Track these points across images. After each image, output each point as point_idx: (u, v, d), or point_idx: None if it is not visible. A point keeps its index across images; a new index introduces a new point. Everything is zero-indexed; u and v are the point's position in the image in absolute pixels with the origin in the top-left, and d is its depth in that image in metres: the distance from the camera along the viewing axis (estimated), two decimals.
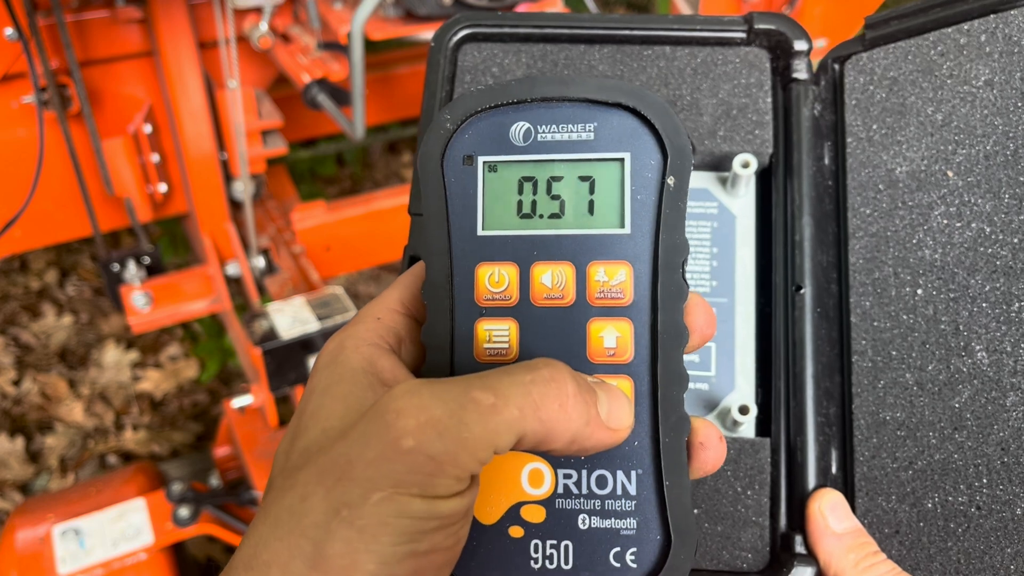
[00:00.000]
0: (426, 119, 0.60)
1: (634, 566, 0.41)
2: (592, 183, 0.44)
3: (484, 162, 0.44)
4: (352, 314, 1.49)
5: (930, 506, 0.54)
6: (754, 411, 0.56)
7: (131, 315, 1.57)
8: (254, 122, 1.59)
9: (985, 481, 0.53)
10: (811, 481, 0.55)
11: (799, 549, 0.53)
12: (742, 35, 0.61)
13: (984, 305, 0.55)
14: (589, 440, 0.39)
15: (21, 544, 1.40)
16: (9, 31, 1.30)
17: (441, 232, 0.44)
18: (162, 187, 1.64)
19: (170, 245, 2.37)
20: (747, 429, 0.57)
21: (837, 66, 0.61)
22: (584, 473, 0.42)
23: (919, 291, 0.56)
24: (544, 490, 0.42)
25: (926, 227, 0.57)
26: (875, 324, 0.56)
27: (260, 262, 1.71)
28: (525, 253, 0.43)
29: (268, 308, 1.50)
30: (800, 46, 0.60)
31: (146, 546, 1.42)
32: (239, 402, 1.55)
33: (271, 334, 1.45)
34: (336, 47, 1.55)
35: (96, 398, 2.22)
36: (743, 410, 0.56)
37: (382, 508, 0.33)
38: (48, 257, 2.54)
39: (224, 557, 1.82)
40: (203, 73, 1.56)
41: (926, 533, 0.54)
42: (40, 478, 2.05)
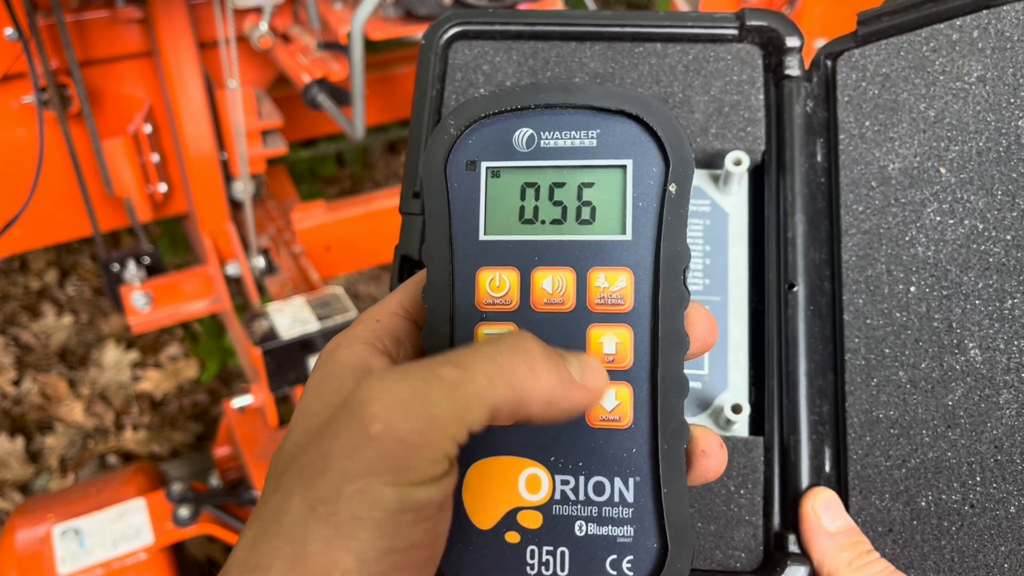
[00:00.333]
0: (417, 118, 0.60)
1: (630, 574, 0.41)
2: (594, 189, 0.44)
3: (487, 168, 0.44)
4: (352, 314, 1.49)
5: (923, 504, 0.53)
6: (747, 410, 0.56)
7: (131, 315, 1.57)
8: (254, 122, 1.59)
9: (979, 479, 0.53)
10: (804, 480, 0.55)
11: (792, 548, 0.53)
12: (734, 32, 0.61)
13: (977, 302, 0.54)
14: (567, 401, 0.38)
15: (21, 544, 1.40)
16: (9, 31, 1.30)
17: (443, 236, 0.44)
18: (162, 187, 1.65)
19: (170, 245, 2.37)
20: (740, 428, 0.57)
21: (829, 62, 0.61)
22: (582, 479, 0.42)
23: (912, 288, 0.56)
24: (541, 496, 0.42)
25: (919, 224, 0.56)
26: (868, 322, 0.56)
27: (260, 262, 1.71)
28: (526, 258, 0.43)
29: (268, 308, 1.50)
30: (792, 42, 0.60)
31: (146, 546, 1.42)
32: (239, 402, 1.55)
33: (271, 334, 1.45)
34: (336, 47, 1.55)
35: (96, 398, 2.22)
36: (736, 409, 0.56)
37: (355, 502, 0.33)
38: (48, 257, 2.54)
39: (224, 557, 1.82)
40: (203, 73, 1.56)
41: (919, 532, 0.53)
42: (40, 478, 2.05)
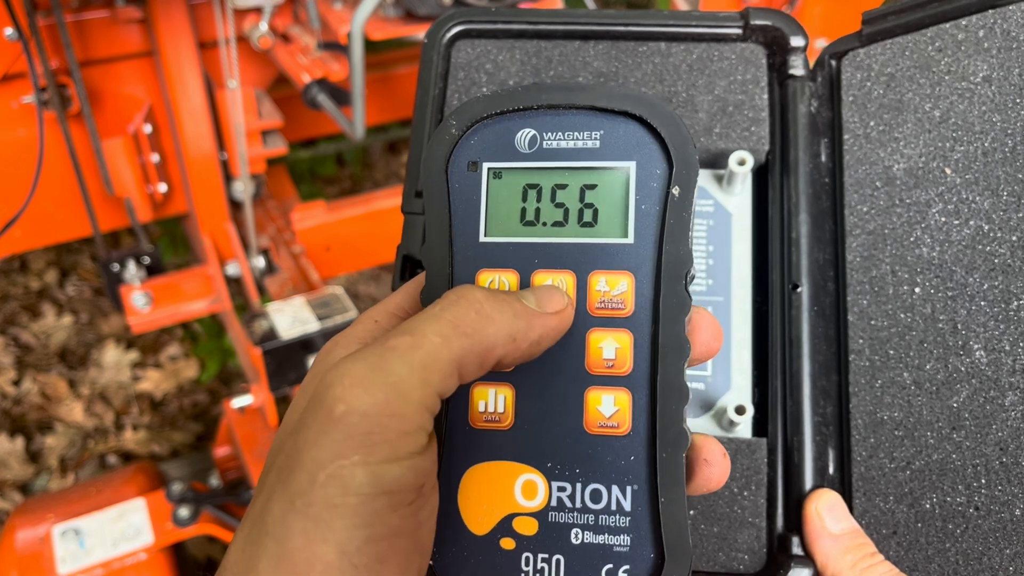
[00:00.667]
0: (420, 117, 0.60)
1: None
2: (597, 191, 0.43)
3: (489, 168, 0.44)
4: (352, 314, 1.49)
5: (928, 507, 0.53)
6: (750, 411, 0.56)
7: (131, 315, 1.57)
8: (254, 122, 1.59)
9: (983, 481, 0.52)
10: (808, 481, 0.54)
11: (796, 550, 0.53)
12: (738, 31, 0.61)
13: (982, 303, 0.54)
14: (532, 331, 0.39)
15: (21, 544, 1.40)
16: (9, 31, 1.30)
17: (443, 237, 0.43)
18: (162, 187, 1.65)
19: (170, 245, 2.37)
20: (743, 429, 0.57)
21: (834, 62, 0.61)
22: (579, 487, 0.42)
23: (917, 289, 0.55)
24: (537, 502, 0.42)
25: (924, 225, 0.56)
26: (872, 323, 0.56)
27: (260, 262, 1.71)
28: (526, 261, 0.43)
29: (268, 308, 1.50)
30: (796, 42, 0.60)
31: (146, 546, 1.42)
32: (239, 402, 1.55)
33: (271, 334, 1.45)
34: (336, 47, 1.55)
35: (96, 398, 2.21)
36: (739, 410, 0.56)
37: (329, 489, 0.33)
38: (48, 257, 2.54)
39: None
40: (203, 73, 1.56)
41: (924, 534, 0.53)
42: (40, 478, 2.05)
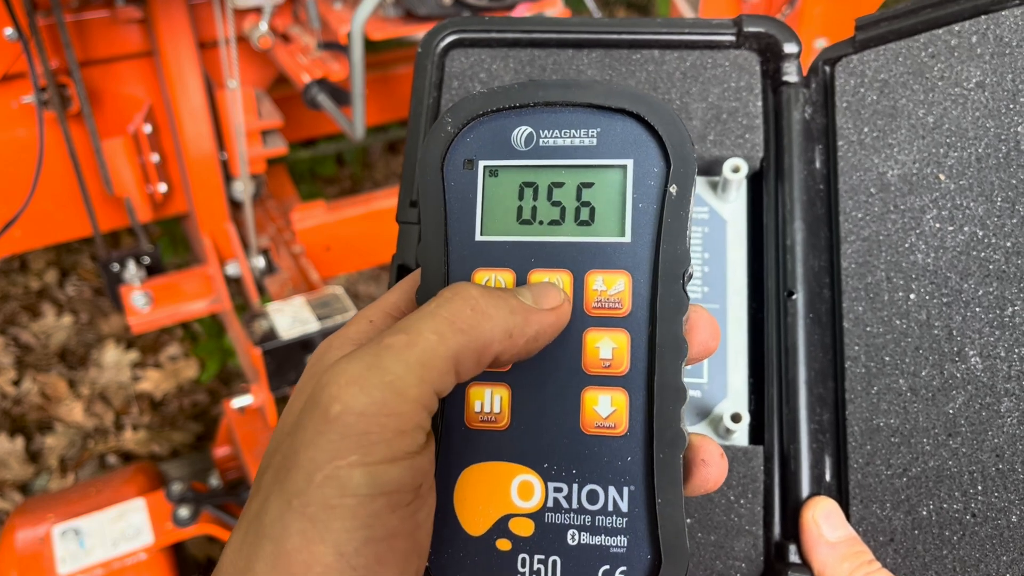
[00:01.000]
0: (414, 125, 0.60)
1: None
2: (593, 190, 0.43)
3: (485, 166, 0.44)
4: (352, 314, 1.49)
5: (925, 514, 0.53)
6: (747, 418, 0.56)
7: (131, 315, 1.57)
8: (254, 122, 1.58)
9: (980, 488, 0.52)
10: (805, 489, 0.54)
11: (793, 558, 0.53)
12: (731, 38, 0.60)
13: (977, 310, 0.54)
14: (528, 327, 0.38)
15: (21, 544, 1.41)
16: (9, 31, 1.30)
17: (438, 236, 0.43)
18: (162, 187, 1.65)
19: (170, 245, 2.37)
20: (740, 437, 0.57)
21: (828, 68, 0.61)
22: (575, 487, 0.41)
23: (912, 296, 0.55)
24: (533, 503, 0.42)
25: (918, 231, 0.56)
26: (868, 329, 0.56)
27: (260, 262, 1.71)
28: (523, 259, 0.43)
29: (268, 308, 1.50)
30: (790, 49, 0.59)
31: (146, 546, 1.42)
32: (239, 402, 1.55)
33: (271, 334, 1.45)
34: (336, 47, 1.55)
35: (96, 398, 2.22)
36: (735, 418, 0.55)
37: (326, 489, 0.33)
38: (48, 257, 2.54)
39: None
40: (203, 73, 1.55)
41: (921, 541, 0.53)
42: (40, 478, 2.05)
